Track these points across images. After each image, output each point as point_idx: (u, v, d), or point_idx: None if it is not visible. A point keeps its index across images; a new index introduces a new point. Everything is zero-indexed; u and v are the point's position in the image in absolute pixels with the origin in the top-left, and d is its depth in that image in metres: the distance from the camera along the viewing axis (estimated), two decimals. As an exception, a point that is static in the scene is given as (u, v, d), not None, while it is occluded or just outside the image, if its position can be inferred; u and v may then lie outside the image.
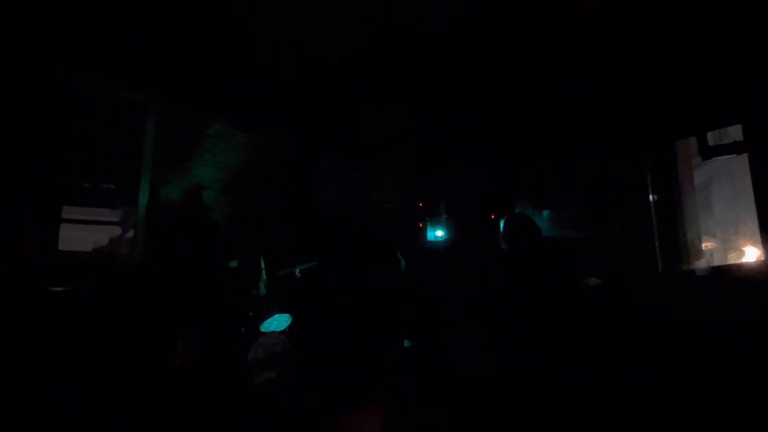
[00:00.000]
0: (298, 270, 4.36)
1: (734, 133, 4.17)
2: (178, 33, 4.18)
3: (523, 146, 4.92)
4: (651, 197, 4.24)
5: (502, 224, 3.56)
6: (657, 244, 4.16)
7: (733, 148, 3.87)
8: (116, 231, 4.68)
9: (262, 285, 4.30)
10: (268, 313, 4.09)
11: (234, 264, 4.30)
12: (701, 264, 4.12)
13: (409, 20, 3.94)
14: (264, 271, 4.34)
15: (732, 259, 5.17)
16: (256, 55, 4.52)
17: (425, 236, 5.20)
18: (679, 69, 3.93)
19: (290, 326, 4.24)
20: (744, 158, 3.89)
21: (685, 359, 3.31)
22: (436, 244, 5.17)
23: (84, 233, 5.28)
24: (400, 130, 5.61)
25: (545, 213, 4.68)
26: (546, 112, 4.73)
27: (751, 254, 4.77)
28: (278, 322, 4.18)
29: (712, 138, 4.16)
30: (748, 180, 3.77)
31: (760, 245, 3.63)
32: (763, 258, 3.69)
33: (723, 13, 3.54)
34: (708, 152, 3.98)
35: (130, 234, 4.33)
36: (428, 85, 4.97)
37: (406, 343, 4.42)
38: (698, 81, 3.83)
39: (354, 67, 4.71)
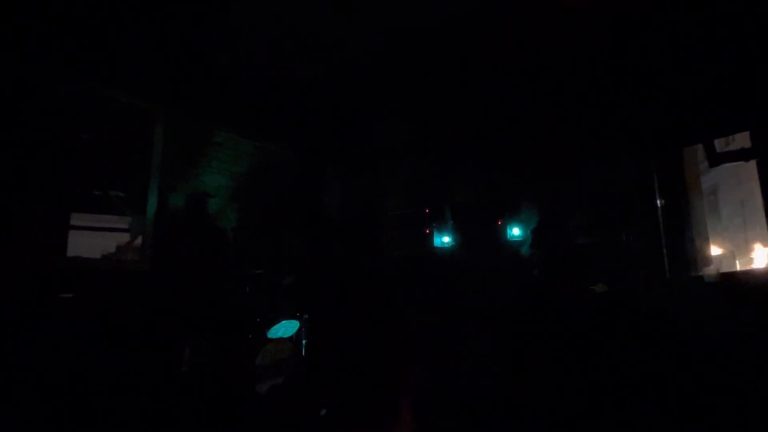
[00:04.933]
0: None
1: (741, 139, 4.17)
2: (185, 41, 4.22)
3: (530, 152, 4.92)
4: (658, 203, 4.23)
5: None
6: (664, 251, 4.15)
7: (741, 155, 3.87)
8: (124, 238, 4.71)
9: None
10: (276, 320, 4.09)
11: (240, 269, 4.31)
12: (709, 270, 4.10)
13: (415, 28, 3.96)
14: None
15: (741, 266, 5.15)
16: (262, 63, 4.56)
17: (431, 243, 5.19)
18: (686, 76, 3.94)
19: (301, 333, 4.23)
20: (750, 164, 3.89)
21: (693, 366, 3.29)
22: (442, 251, 5.16)
23: (92, 240, 5.32)
24: (406, 137, 5.63)
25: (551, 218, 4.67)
26: (553, 118, 4.74)
27: (760, 260, 4.75)
28: (285, 329, 4.18)
29: (717, 144, 4.16)
30: (754, 185, 3.76)
31: (769, 251, 3.61)
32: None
33: (731, 20, 3.55)
34: (716, 159, 3.98)
35: (138, 241, 4.35)
36: (434, 91, 4.99)
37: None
38: (706, 88, 3.83)
39: (359, 74, 4.73)
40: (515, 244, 4.66)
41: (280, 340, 4.05)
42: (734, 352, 3.27)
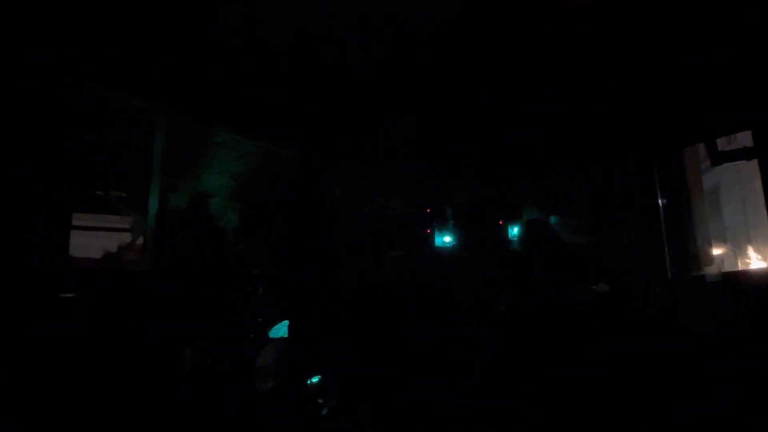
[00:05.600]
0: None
1: (742, 137, 4.16)
2: (185, 41, 4.22)
3: (531, 152, 4.91)
4: (659, 202, 4.22)
5: (518, 229, 3.57)
6: (666, 250, 4.14)
7: (743, 154, 3.86)
8: (125, 238, 4.71)
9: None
10: (277, 319, 4.10)
11: (241, 269, 4.32)
12: (711, 270, 4.09)
13: (414, 27, 3.96)
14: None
15: (742, 265, 5.13)
16: (263, 63, 4.56)
17: (433, 242, 5.18)
18: (688, 75, 3.93)
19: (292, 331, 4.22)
20: (752, 163, 3.88)
21: (695, 366, 3.29)
22: (443, 250, 5.16)
23: (93, 240, 5.31)
24: (407, 136, 5.62)
25: (553, 219, 4.66)
26: (554, 118, 4.73)
27: (761, 260, 4.74)
28: (286, 329, 4.18)
29: (719, 143, 4.16)
30: (756, 185, 3.75)
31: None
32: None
33: (733, 18, 3.54)
34: (718, 158, 3.98)
35: (140, 241, 4.35)
36: (434, 91, 4.98)
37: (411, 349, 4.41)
38: (707, 87, 3.82)
39: (360, 74, 4.73)
40: (516, 244, 4.66)
41: (281, 339, 4.05)
42: (736, 351, 3.27)
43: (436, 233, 5.18)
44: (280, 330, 4.14)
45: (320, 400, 3.84)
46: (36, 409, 3.00)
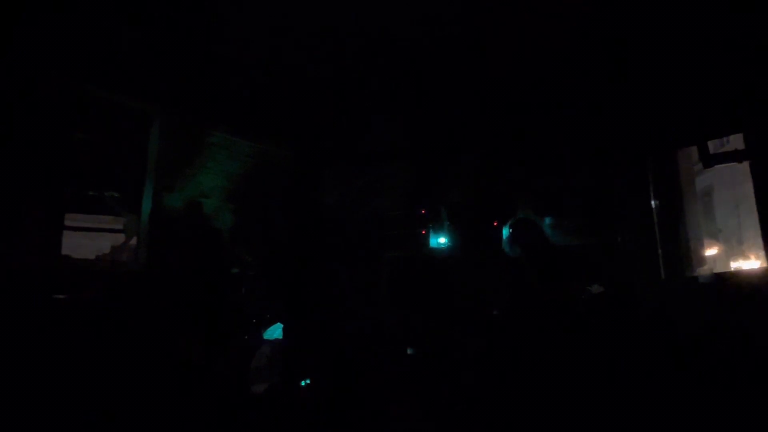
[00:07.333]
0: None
1: (735, 140, 4.20)
2: (181, 42, 4.21)
3: (526, 154, 4.93)
4: (653, 204, 4.25)
5: (507, 230, 3.57)
6: (659, 251, 4.17)
7: (735, 156, 3.90)
8: (119, 238, 4.70)
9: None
10: (272, 321, 4.09)
11: (235, 271, 4.30)
12: (704, 270, 4.12)
13: (410, 27, 3.97)
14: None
15: (735, 266, 5.17)
16: (258, 63, 4.56)
17: (428, 243, 5.19)
18: (681, 78, 3.96)
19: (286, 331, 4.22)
20: (745, 165, 3.91)
21: (689, 366, 3.31)
22: (438, 251, 5.16)
23: (86, 240, 5.30)
24: (402, 137, 5.64)
25: (547, 220, 4.68)
26: (549, 120, 4.75)
27: (753, 261, 4.78)
28: (281, 330, 4.17)
29: (712, 145, 4.19)
30: (749, 187, 3.78)
31: (763, 252, 3.64)
32: (765, 264, 3.69)
33: (725, 22, 3.57)
34: (709, 160, 4.01)
35: (133, 241, 4.33)
36: (430, 93, 5.00)
37: (408, 350, 4.42)
38: (700, 90, 3.85)
39: (356, 75, 4.74)
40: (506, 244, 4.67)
41: (276, 341, 4.05)
42: (728, 351, 3.30)
43: (432, 234, 5.19)
44: (275, 331, 4.13)
45: (313, 402, 3.84)
46: (30, 409, 2.98)
